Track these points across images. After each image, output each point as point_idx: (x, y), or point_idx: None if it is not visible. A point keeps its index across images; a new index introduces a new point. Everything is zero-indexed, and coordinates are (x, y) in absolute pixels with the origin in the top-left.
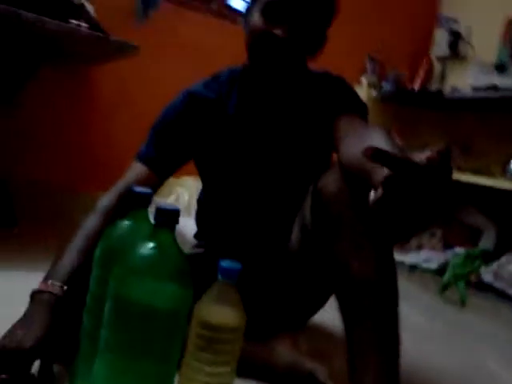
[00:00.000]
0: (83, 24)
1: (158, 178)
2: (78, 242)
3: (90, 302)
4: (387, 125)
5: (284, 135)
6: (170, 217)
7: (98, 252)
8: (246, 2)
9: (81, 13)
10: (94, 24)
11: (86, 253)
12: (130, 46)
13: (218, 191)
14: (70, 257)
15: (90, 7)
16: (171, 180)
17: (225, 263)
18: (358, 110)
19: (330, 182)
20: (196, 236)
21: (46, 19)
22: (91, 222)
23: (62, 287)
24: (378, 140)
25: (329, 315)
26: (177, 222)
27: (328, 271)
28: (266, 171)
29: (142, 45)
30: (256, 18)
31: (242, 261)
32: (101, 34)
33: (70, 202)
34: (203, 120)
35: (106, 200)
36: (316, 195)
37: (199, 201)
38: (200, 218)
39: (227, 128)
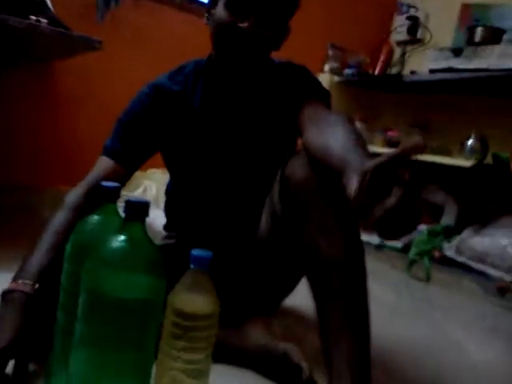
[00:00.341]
0: (43, 20)
1: (125, 172)
2: (47, 238)
3: (62, 298)
4: (350, 108)
5: (249, 126)
6: (140, 210)
7: (68, 247)
8: None
9: (41, 8)
10: (54, 19)
11: (56, 249)
12: (93, 41)
13: (186, 182)
14: (39, 254)
15: (49, 2)
16: (138, 173)
17: (196, 252)
18: (322, 97)
19: (297, 167)
20: (166, 227)
21: (7, 16)
22: (60, 218)
23: (32, 285)
24: (341, 128)
25: (300, 298)
26: (147, 214)
27: (298, 255)
28: (232, 162)
29: (104, 39)
30: (221, 11)
31: (212, 249)
32: (62, 30)
33: (36, 198)
34: (169, 112)
35: (73, 195)
36: (284, 181)
37: (167, 192)
38: (169, 209)
39: (193, 120)
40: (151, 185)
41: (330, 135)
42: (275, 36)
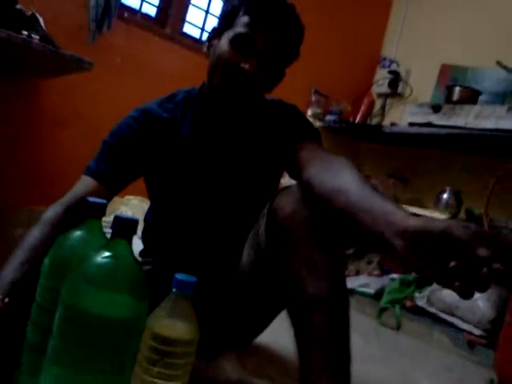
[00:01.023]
0: (35, 36)
1: (107, 193)
2: (20, 252)
3: (35, 314)
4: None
5: (235, 159)
6: (128, 227)
7: (47, 262)
8: (212, 27)
9: (32, 24)
10: (45, 36)
11: (31, 263)
12: (84, 62)
13: (168, 210)
14: (11, 268)
15: (40, 19)
16: (115, 198)
17: (180, 276)
18: (315, 136)
19: (287, 202)
20: (142, 254)
21: None
22: (36, 233)
23: (2, 300)
24: (349, 173)
25: (274, 335)
26: (135, 232)
27: (280, 291)
28: (215, 193)
29: (94, 62)
30: (224, 46)
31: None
32: (53, 48)
33: (11, 217)
34: (156, 139)
35: (51, 212)
36: (271, 214)
37: (146, 219)
38: (147, 237)
39: (180, 149)
40: (127, 211)
41: (343, 178)
42: (272, 79)
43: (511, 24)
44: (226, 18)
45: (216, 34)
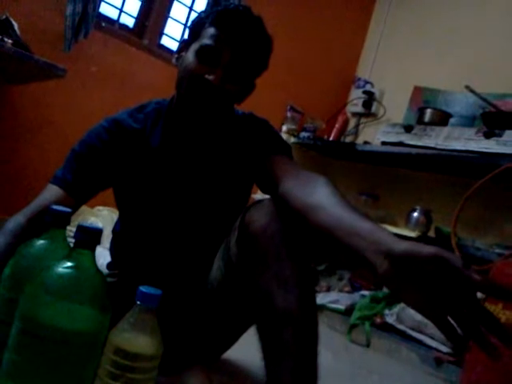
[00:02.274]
0: (7, 40)
1: (73, 203)
2: None
3: None
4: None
5: (205, 172)
6: (91, 236)
7: (7, 271)
8: (182, 39)
9: (6, 28)
10: (18, 41)
11: None
12: (58, 69)
13: (136, 222)
14: None
15: (15, 24)
16: (85, 209)
17: (145, 288)
18: (287, 151)
19: (259, 215)
20: (109, 266)
21: None
22: None
23: None
24: (328, 190)
25: (241, 351)
26: (98, 242)
27: (250, 305)
28: (184, 205)
29: (68, 70)
30: (191, 58)
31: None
32: (27, 53)
33: None
34: (126, 149)
35: (15, 221)
36: (243, 228)
37: (114, 231)
38: (115, 249)
39: (149, 160)
40: (97, 222)
41: (321, 194)
42: (240, 91)
43: (480, 50)
44: (194, 30)
45: (184, 45)
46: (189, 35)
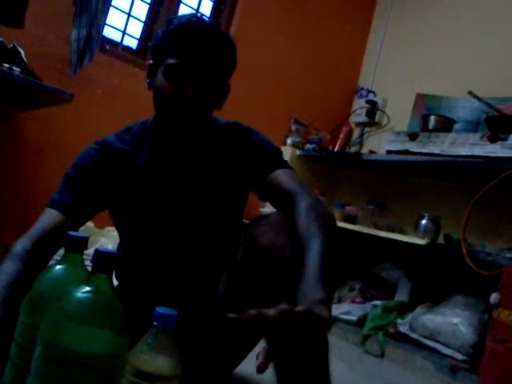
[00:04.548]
0: (16, 68)
1: (71, 226)
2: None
3: (13, 353)
4: (310, 182)
5: (195, 185)
6: (108, 261)
7: (27, 298)
8: (148, 63)
9: (13, 57)
10: (26, 69)
11: (9, 300)
12: (65, 94)
13: (136, 244)
14: None
15: (21, 51)
16: (96, 230)
17: (161, 309)
18: (279, 159)
19: (265, 229)
20: (116, 291)
21: None
22: (7, 269)
23: None
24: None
25: (252, 366)
26: (115, 266)
27: None
28: (180, 223)
29: (75, 94)
30: (161, 80)
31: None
32: (35, 80)
33: None
34: (116, 171)
35: (20, 246)
36: (249, 243)
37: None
38: (120, 273)
39: (139, 179)
40: (107, 243)
41: (313, 241)
42: (217, 97)
43: (481, 55)
44: (156, 54)
45: (152, 69)
46: (153, 58)
